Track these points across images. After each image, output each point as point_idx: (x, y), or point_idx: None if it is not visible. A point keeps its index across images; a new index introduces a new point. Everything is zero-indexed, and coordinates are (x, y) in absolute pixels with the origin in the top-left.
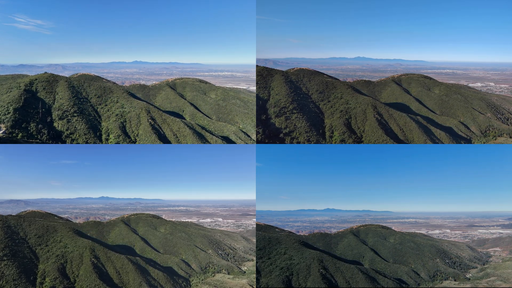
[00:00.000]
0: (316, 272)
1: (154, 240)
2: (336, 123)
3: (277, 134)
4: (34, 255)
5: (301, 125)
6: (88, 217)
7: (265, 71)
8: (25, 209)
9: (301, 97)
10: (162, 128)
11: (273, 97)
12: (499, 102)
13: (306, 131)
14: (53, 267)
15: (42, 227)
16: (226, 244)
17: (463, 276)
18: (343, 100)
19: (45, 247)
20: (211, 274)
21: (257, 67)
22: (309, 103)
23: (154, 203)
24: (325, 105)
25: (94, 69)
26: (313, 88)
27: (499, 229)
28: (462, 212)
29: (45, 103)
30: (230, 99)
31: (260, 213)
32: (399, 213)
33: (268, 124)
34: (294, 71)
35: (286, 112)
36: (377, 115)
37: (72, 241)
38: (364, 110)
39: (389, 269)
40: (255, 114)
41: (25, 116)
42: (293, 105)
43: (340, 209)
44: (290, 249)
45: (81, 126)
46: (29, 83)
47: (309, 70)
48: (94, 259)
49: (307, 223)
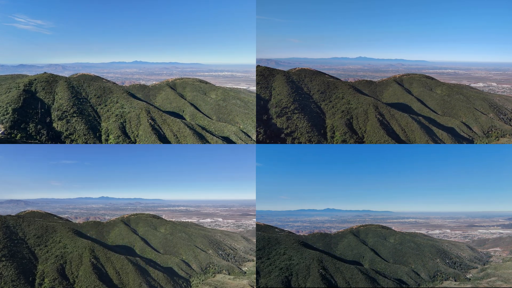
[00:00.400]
0: (316, 273)
1: (154, 240)
2: (338, 123)
3: (278, 134)
4: (33, 256)
5: (303, 125)
6: (88, 217)
7: (267, 71)
8: (25, 209)
9: (303, 97)
10: (162, 129)
11: (274, 97)
12: (501, 103)
13: (307, 132)
14: (52, 267)
15: (41, 228)
16: (226, 244)
17: (464, 276)
18: (344, 100)
19: (44, 247)
20: (212, 275)
21: (259, 67)
22: (311, 103)
23: (154, 203)
24: (326, 105)
25: (94, 69)
26: (315, 88)
27: (499, 229)
28: (462, 212)
29: (44, 103)
30: (231, 99)
31: (260, 213)
32: (399, 213)
33: (270, 124)
34: (296, 71)
35: (288, 112)
36: (378, 116)
37: (71, 242)
38: (366, 111)
39: (389, 270)
40: (256, 115)
41: (24, 116)
42: (295, 105)
43: (340, 209)
44: (290, 249)
45: (80, 126)
46: (28, 83)
47: (310, 70)
48: (94, 260)
49: (307, 223)
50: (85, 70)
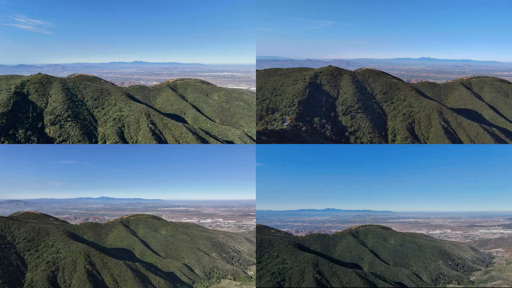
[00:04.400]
0: (311, 277)
1: (155, 243)
2: (399, 126)
3: (343, 132)
4: (22, 262)
5: (365, 125)
6: (87, 218)
7: (336, 70)
8: (24, 210)
9: (366, 97)
10: (163, 134)
11: (341, 96)
12: None
13: (369, 132)
14: (42, 275)
15: (33, 230)
16: (230, 246)
17: (467, 279)
18: (406, 102)
19: (35, 252)
20: (216, 280)
21: (330, 67)
22: (373, 104)
23: (154, 203)
24: (388, 106)
25: (94, 69)
26: (377, 88)
27: (500, 229)
28: (462, 212)
29: (36, 106)
30: (234, 101)
31: (260, 213)
32: (399, 213)
33: (336, 121)
34: (361, 71)
35: (352, 111)
36: (443, 122)
37: (65, 246)
38: (429, 115)
39: (389, 272)
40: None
41: (13, 121)
42: (358, 104)
43: (341, 209)
44: (283, 252)
45: (75, 132)
46: (20, 85)
47: (374, 70)
48: (89, 266)
49: (307, 223)
50: (85, 70)
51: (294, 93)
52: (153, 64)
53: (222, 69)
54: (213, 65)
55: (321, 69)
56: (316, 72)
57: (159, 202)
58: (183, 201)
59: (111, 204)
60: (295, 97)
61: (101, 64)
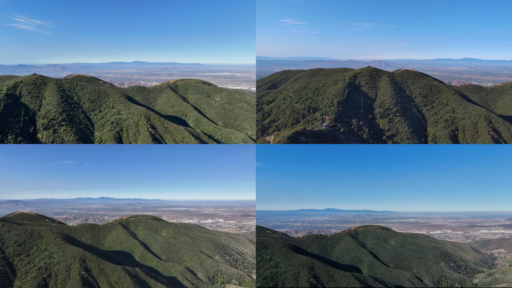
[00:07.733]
0: (305, 282)
1: (156, 245)
2: (440, 133)
3: (380, 135)
4: (10, 268)
5: (403, 130)
6: (87, 218)
7: (374, 71)
8: (24, 210)
9: (404, 100)
10: (164, 138)
11: (379, 97)
12: None
13: (407, 138)
14: (32, 283)
15: (25, 233)
16: (233, 248)
17: (470, 281)
18: (448, 107)
19: (26, 257)
20: (221, 285)
21: (368, 67)
22: (412, 107)
23: (154, 203)
24: (428, 111)
25: (93, 69)
26: (417, 91)
27: (501, 229)
28: (463, 212)
29: (29, 109)
30: (236, 102)
31: (260, 213)
32: (399, 213)
33: (373, 124)
34: (399, 72)
35: (390, 114)
36: (492, 132)
37: (59, 250)
38: (475, 123)
39: (389, 275)
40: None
41: (3, 126)
42: (396, 107)
43: (341, 209)
44: (277, 254)
45: (69, 137)
46: (13, 87)
47: (413, 71)
48: (84, 272)
49: (307, 223)
50: (84, 71)
51: (334, 93)
52: (153, 64)
53: (222, 69)
54: (213, 65)
55: (360, 69)
56: (355, 72)
57: (159, 202)
58: (183, 201)
59: (111, 204)
60: (335, 98)
61: (101, 64)
